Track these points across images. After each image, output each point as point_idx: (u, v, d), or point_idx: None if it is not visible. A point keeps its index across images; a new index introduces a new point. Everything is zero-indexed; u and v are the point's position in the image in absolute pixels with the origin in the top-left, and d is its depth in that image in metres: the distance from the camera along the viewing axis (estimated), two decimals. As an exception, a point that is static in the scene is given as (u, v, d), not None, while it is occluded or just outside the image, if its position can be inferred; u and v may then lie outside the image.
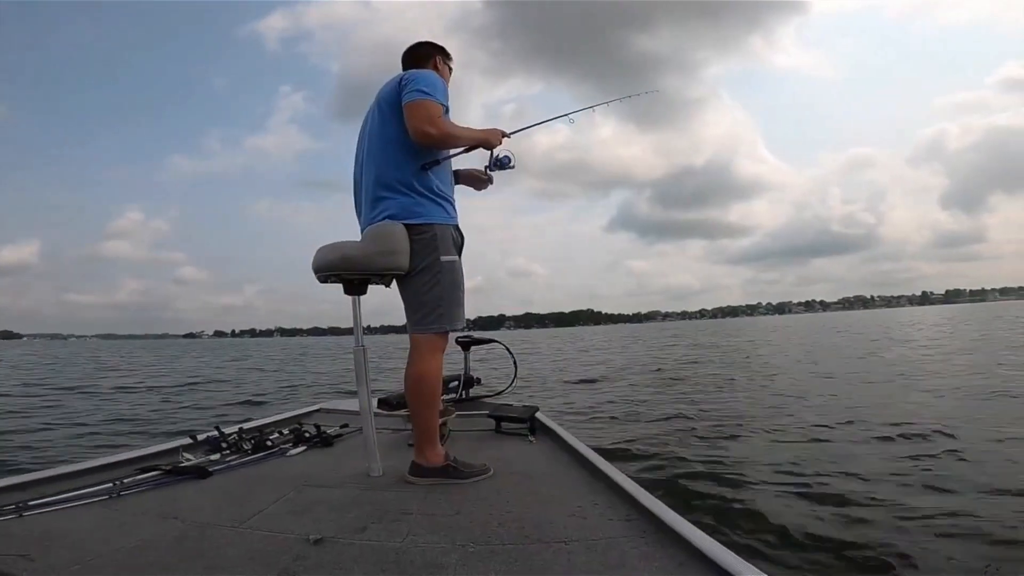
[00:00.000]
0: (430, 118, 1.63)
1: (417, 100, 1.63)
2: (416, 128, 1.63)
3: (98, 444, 4.08)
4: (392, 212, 1.66)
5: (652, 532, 1.23)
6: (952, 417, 4.04)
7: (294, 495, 1.52)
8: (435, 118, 1.63)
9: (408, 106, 1.64)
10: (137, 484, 1.59)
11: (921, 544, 1.94)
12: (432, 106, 1.64)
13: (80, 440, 4.28)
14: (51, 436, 4.42)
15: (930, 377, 6.60)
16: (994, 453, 3.06)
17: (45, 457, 3.58)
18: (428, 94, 1.64)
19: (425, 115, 1.63)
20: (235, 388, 8.59)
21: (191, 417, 5.40)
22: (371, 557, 1.12)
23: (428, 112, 1.63)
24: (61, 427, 4.87)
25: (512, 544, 1.18)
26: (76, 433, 4.58)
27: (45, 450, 3.85)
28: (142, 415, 5.62)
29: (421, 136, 1.64)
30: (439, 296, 1.66)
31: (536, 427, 2.31)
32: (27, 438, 4.31)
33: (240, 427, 2.29)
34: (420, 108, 1.63)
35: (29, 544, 1.14)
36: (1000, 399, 4.80)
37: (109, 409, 6.10)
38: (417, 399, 1.66)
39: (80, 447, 4.01)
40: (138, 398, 7.28)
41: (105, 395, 7.69)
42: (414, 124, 1.63)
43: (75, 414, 5.68)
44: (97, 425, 4.99)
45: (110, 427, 4.91)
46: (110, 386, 8.94)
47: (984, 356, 8.82)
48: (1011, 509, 2.22)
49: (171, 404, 6.57)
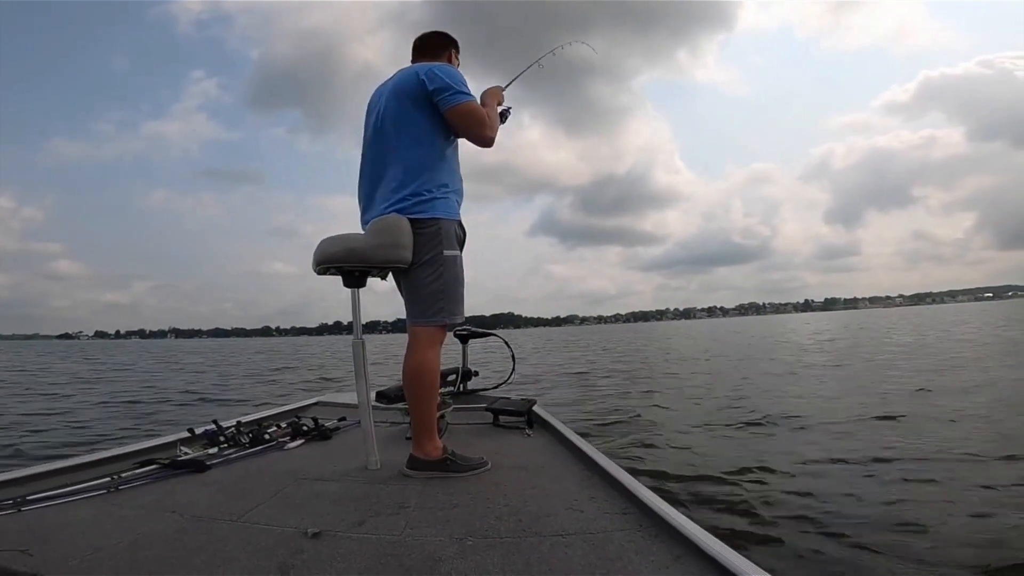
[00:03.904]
0: (485, 121, 1.67)
1: (466, 103, 1.65)
2: (479, 135, 1.68)
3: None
4: (401, 206, 1.65)
5: (648, 526, 1.23)
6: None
7: (292, 488, 1.53)
8: (490, 119, 1.67)
9: (456, 111, 1.65)
10: (135, 478, 1.60)
11: (911, 538, 1.97)
12: (479, 107, 1.67)
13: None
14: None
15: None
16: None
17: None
18: (469, 95, 1.67)
19: (480, 119, 1.66)
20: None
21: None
22: (369, 550, 1.12)
23: (480, 115, 1.67)
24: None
25: (510, 537, 1.19)
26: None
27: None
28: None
29: (488, 141, 1.69)
30: (441, 290, 1.65)
31: (534, 420, 2.32)
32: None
33: (238, 421, 2.29)
34: (473, 113, 1.66)
35: (27, 539, 1.14)
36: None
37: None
38: (415, 392, 1.66)
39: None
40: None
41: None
42: (475, 131, 1.67)
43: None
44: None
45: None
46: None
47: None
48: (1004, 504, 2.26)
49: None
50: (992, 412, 4.12)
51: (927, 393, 5.20)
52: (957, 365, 7.43)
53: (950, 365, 7.49)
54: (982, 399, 4.65)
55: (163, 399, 6.83)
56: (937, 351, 10.05)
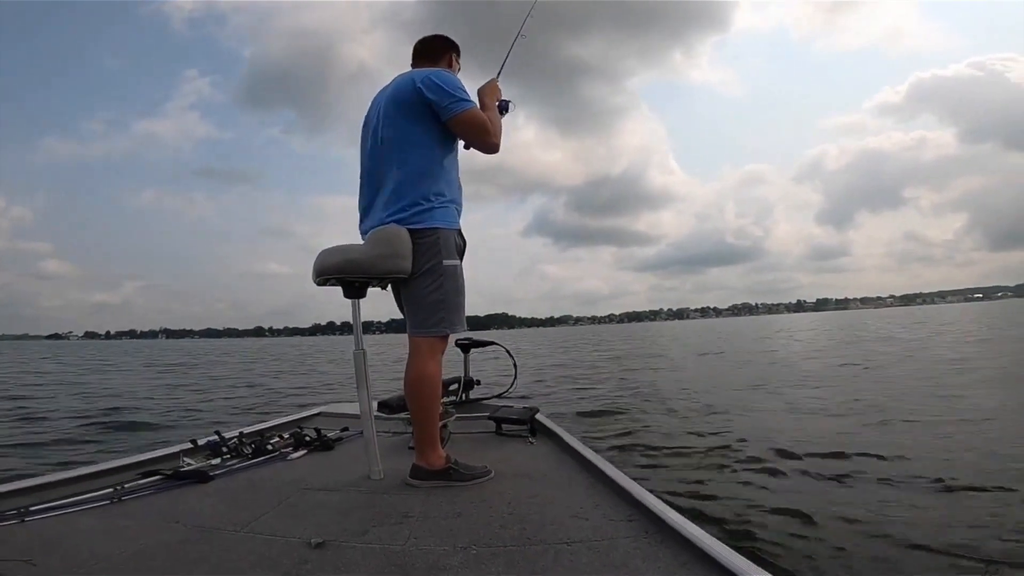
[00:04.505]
0: (489, 128, 1.66)
1: (467, 112, 1.65)
2: (483, 142, 1.68)
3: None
4: (400, 216, 1.65)
5: (654, 532, 1.23)
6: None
7: (295, 499, 1.52)
8: (492, 124, 1.67)
9: (459, 120, 1.65)
10: (139, 489, 1.60)
11: (919, 539, 1.95)
12: (481, 114, 1.67)
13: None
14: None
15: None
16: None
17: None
18: (471, 102, 1.67)
19: (484, 127, 1.66)
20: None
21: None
22: (373, 560, 1.12)
23: (483, 123, 1.66)
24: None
25: (514, 545, 1.18)
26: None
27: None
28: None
29: (493, 148, 1.69)
30: (441, 300, 1.66)
31: (536, 429, 2.31)
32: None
33: (241, 431, 2.29)
34: (476, 120, 1.66)
35: (31, 549, 1.14)
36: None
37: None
38: (417, 401, 1.66)
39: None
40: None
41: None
42: (479, 139, 1.67)
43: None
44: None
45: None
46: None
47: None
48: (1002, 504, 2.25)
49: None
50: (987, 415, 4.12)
51: (926, 395, 5.20)
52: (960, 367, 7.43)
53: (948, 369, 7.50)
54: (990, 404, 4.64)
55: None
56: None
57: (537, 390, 6.89)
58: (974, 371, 6.80)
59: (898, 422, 4.02)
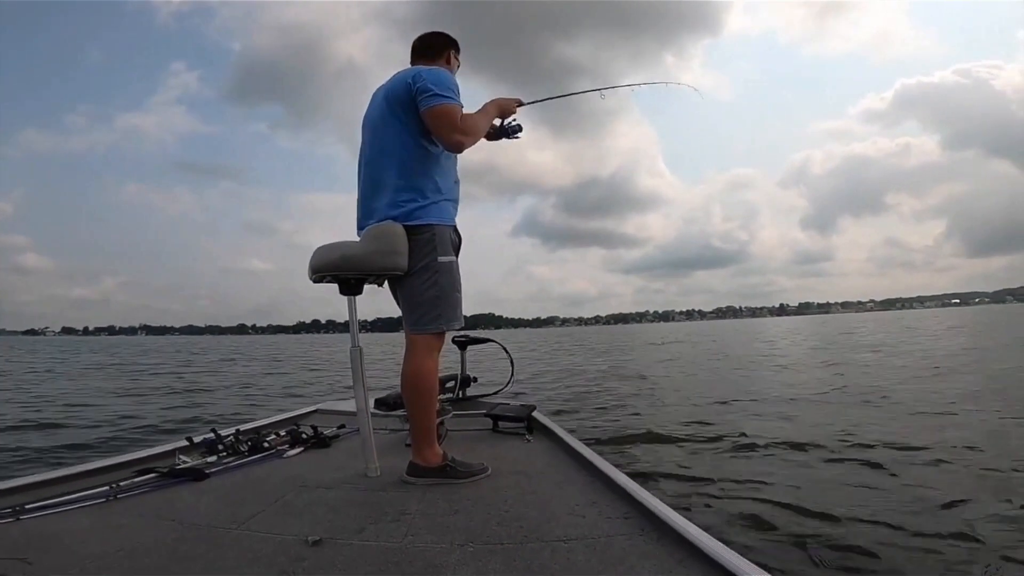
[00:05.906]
0: (456, 125, 1.62)
1: (439, 106, 1.61)
2: (447, 138, 1.63)
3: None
4: (395, 213, 1.65)
5: (651, 530, 1.23)
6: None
7: (292, 496, 1.52)
8: (462, 124, 1.63)
9: (431, 113, 1.62)
10: (134, 487, 1.59)
11: (916, 541, 1.96)
12: (454, 110, 1.63)
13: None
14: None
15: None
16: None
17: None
18: (448, 97, 1.62)
19: (451, 122, 1.62)
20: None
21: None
22: (370, 558, 1.12)
23: (452, 119, 1.62)
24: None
25: (511, 543, 1.18)
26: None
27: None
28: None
29: (454, 145, 1.65)
30: (437, 296, 1.66)
31: (533, 426, 2.32)
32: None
33: (237, 429, 2.28)
34: (445, 115, 1.62)
35: (26, 547, 1.14)
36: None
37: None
38: (414, 399, 1.66)
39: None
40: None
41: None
42: (444, 134, 1.63)
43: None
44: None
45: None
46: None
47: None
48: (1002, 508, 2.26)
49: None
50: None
51: (927, 393, 5.26)
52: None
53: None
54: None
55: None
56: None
57: (534, 388, 6.92)
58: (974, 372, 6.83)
59: (903, 416, 4.05)
